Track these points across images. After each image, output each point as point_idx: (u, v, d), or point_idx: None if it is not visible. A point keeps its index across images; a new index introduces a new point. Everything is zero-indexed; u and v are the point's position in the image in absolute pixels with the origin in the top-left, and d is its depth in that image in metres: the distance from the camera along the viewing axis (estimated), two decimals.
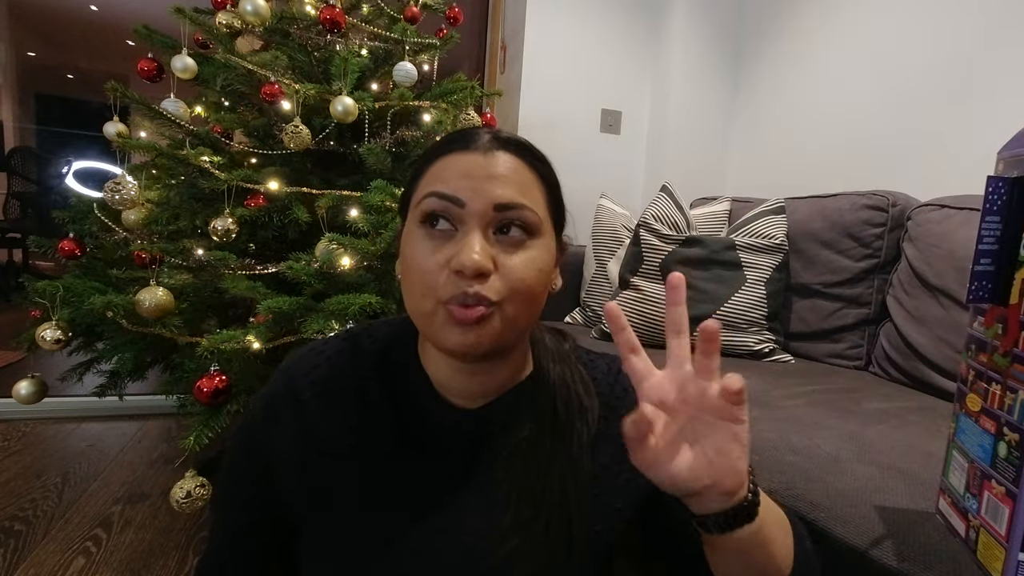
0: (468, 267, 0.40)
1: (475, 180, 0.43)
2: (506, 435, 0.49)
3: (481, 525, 0.47)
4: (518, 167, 0.45)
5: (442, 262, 0.42)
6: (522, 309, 0.44)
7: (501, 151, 0.45)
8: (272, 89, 1.17)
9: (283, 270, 1.07)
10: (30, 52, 4.62)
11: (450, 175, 0.44)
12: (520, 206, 0.44)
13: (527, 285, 0.43)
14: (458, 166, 0.44)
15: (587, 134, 2.21)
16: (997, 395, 0.49)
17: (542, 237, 0.45)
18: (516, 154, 0.46)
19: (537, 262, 0.44)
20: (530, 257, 0.44)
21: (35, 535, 1.18)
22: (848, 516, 0.63)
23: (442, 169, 0.45)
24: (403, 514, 0.48)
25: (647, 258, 1.47)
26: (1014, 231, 0.49)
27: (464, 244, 0.42)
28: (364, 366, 0.51)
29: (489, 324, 0.42)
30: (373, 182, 1.13)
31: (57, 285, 1.06)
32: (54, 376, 1.21)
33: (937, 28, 1.44)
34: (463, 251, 0.41)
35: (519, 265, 0.43)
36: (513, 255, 0.43)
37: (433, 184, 0.44)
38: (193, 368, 1.01)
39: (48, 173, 3.81)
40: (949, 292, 1.11)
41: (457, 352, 0.43)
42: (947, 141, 1.40)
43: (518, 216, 0.44)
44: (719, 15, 2.12)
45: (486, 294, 0.41)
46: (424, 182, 0.46)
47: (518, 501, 0.47)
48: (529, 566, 0.46)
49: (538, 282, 0.45)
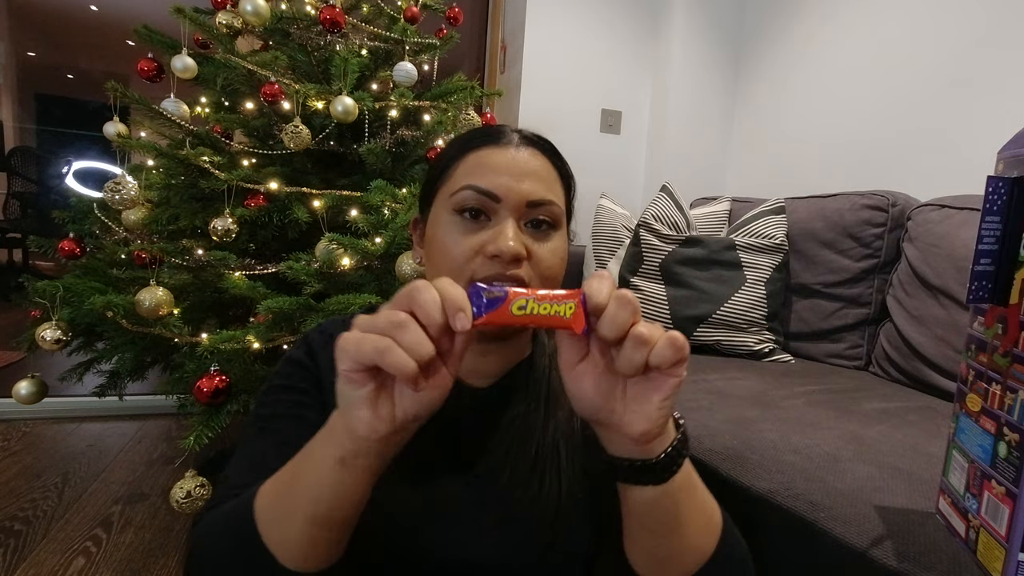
0: (506, 252, 0.44)
1: (509, 177, 0.47)
2: (508, 409, 0.53)
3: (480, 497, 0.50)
4: (544, 164, 0.50)
5: (476, 247, 0.46)
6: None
7: (529, 148, 0.50)
8: (272, 89, 1.16)
9: (283, 270, 1.07)
10: (30, 52, 4.62)
11: (485, 170, 0.48)
12: (549, 202, 0.48)
13: (554, 272, 0.49)
14: (492, 162, 0.48)
15: (587, 134, 2.21)
16: (997, 395, 0.49)
17: (562, 229, 0.50)
18: (541, 152, 0.51)
19: (560, 251, 0.49)
20: (555, 246, 0.49)
21: (35, 535, 1.18)
22: (848, 516, 0.63)
23: (476, 164, 0.49)
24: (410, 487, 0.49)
25: (647, 258, 1.47)
26: (1014, 231, 0.49)
27: (500, 232, 0.45)
28: None
29: None
30: (373, 182, 1.13)
31: (57, 285, 1.06)
32: (54, 376, 1.21)
33: (937, 28, 1.44)
34: (500, 238, 0.45)
35: (548, 254, 0.48)
36: (542, 244, 0.48)
37: (469, 178, 0.48)
38: (193, 368, 1.01)
39: (48, 173, 3.82)
40: (949, 292, 1.11)
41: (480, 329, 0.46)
42: (947, 141, 1.40)
43: (546, 211, 0.48)
44: (719, 15, 2.12)
45: (522, 274, 0.45)
46: (458, 175, 0.49)
47: (516, 460, 0.50)
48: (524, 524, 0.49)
49: (561, 269, 0.50)
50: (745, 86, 2.14)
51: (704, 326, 1.38)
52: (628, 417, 0.35)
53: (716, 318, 1.37)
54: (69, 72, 4.84)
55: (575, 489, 0.50)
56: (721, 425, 0.88)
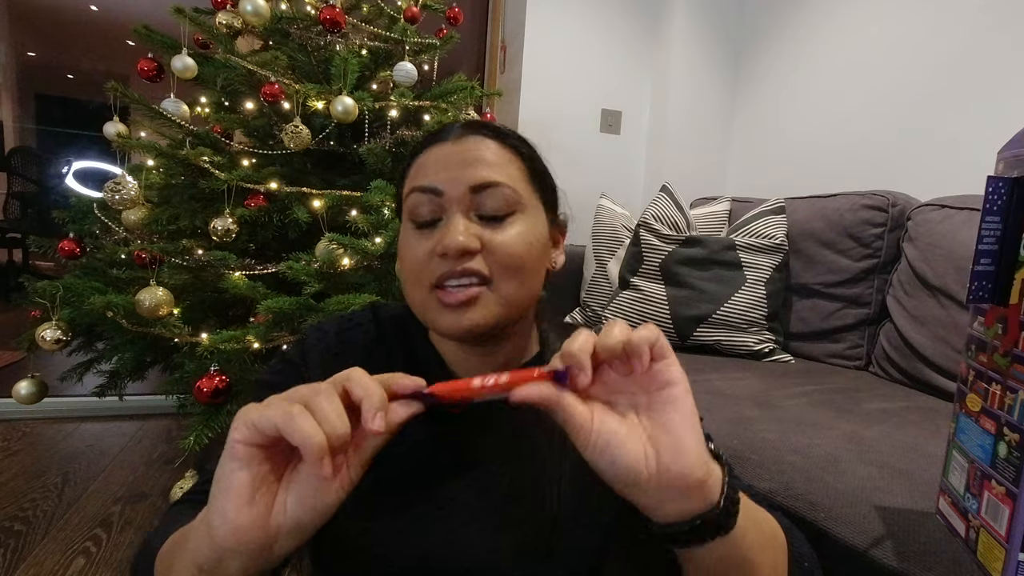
0: (451, 248, 0.42)
1: (450, 168, 0.45)
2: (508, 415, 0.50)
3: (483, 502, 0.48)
4: (490, 147, 0.47)
5: (429, 250, 0.44)
6: (515, 284, 0.45)
7: (472, 135, 0.47)
8: (272, 89, 1.16)
9: (283, 270, 1.07)
10: (30, 52, 4.62)
11: (428, 168, 0.46)
12: (495, 183, 0.45)
13: (517, 258, 0.44)
14: (433, 158, 0.47)
15: (587, 134, 2.21)
16: (997, 395, 0.49)
17: (525, 212, 0.46)
18: (487, 135, 0.48)
19: (526, 236, 0.45)
20: (517, 232, 0.45)
21: (35, 535, 1.18)
22: (848, 516, 0.63)
23: (421, 164, 0.47)
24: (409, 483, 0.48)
25: (647, 258, 1.47)
26: (1014, 231, 0.49)
27: (447, 229, 0.43)
28: (388, 340, 0.54)
29: (481, 304, 0.43)
30: (373, 182, 1.13)
31: (57, 285, 1.06)
32: (54, 376, 1.21)
33: (937, 28, 1.44)
34: (446, 235, 0.43)
35: (506, 240, 0.44)
36: (498, 231, 0.44)
37: (414, 180, 0.47)
38: (193, 368, 1.01)
39: (48, 173, 3.81)
40: (949, 292, 1.11)
41: (453, 334, 0.44)
42: (947, 141, 1.40)
43: (496, 193, 0.45)
44: (719, 15, 2.12)
45: (476, 267, 0.43)
46: (408, 180, 0.48)
47: (516, 469, 0.48)
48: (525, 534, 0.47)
49: (528, 255, 0.45)
50: (745, 86, 2.14)
51: (704, 326, 1.38)
52: (664, 459, 0.30)
53: (716, 318, 1.37)
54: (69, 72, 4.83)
55: (579, 497, 0.49)
56: (721, 425, 0.88)
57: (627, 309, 1.45)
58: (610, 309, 1.50)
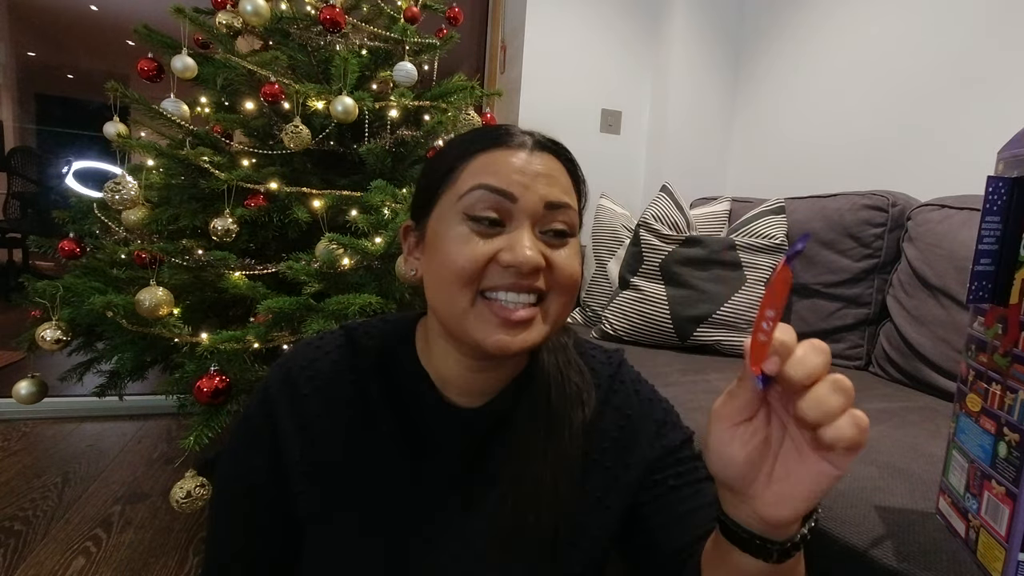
0: (524, 263, 0.40)
1: (526, 177, 0.43)
2: (504, 431, 0.49)
3: (480, 525, 0.47)
4: (560, 168, 0.46)
5: (487, 255, 0.41)
6: (564, 305, 0.45)
7: (546, 153, 0.46)
8: (272, 89, 1.16)
9: (283, 270, 1.07)
10: (30, 52, 4.61)
11: (499, 170, 0.43)
12: (567, 205, 0.45)
13: (574, 280, 0.45)
14: (506, 162, 0.43)
15: (587, 134, 2.21)
16: (997, 395, 0.49)
17: (576, 237, 0.47)
18: (555, 156, 0.46)
19: (576, 259, 0.46)
20: (572, 254, 0.45)
21: (35, 535, 1.18)
22: (848, 516, 0.63)
23: (488, 163, 0.44)
24: (402, 517, 0.47)
25: (647, 258, 1.47)
26: (1014, 231, 0.49)
27: (516, 240, 0.41)
28: (363, 364, 0.51)
29: (534, 327, 0.43)
30: (373, 182, 1.13)
31: (57, 285, 1.06)
32: (54, 376, 1.21)
33: (937, 28, 1.44)
34: (517, 247, 0.41)
35: (566, 262, 0.44)
36: (558, 251, 0.44)
37: (480, 176, 0.43)
38: (193, 368, 1.01)
39: (48, 173, 3.81)
40: (949, 292, 1.11)
41: (492, 350, 0.42)
42: (947, 141, 1.40)
43: (564, 215, 0.44)
44: (719, 15, 2.12)
45: (539, 285, 0.42)
46: (466, 176, 0.44)
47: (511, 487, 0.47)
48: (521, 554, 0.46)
49: (580, 278, 0.46)
50: (745, 86, 2.14)
51: (704, 326, 1.38)
52: (769, 498, 0.31)
53: (716, 318, 1.37)
54: (69, 72, 4.83)
55: (577, 516, 0.48)
56: None
57: (627, 309, 1.45)
58: (610, 309, 1.50)
